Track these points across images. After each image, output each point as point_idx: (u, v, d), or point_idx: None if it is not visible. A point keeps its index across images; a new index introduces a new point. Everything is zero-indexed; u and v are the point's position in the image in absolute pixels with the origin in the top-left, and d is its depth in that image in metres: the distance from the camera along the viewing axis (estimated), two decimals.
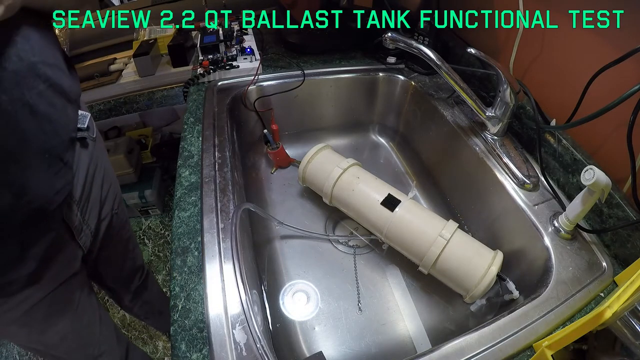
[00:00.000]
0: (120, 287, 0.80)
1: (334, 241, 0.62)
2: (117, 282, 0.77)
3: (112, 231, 0.66)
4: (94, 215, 0.58)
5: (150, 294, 0.89)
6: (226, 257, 0.43)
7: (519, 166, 0.54)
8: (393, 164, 0.78)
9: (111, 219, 0.65)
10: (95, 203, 0.58)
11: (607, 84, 0.47)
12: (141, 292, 0.85)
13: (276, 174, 0.74)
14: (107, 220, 0.63)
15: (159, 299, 0.94)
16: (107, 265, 0.70)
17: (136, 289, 0.83)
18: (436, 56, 0.54)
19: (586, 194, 0.42)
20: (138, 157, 1.50)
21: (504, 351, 0.36)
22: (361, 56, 0.82)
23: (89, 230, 0.57)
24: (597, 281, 0.42)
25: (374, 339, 0.50)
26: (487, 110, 0.58)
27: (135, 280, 0.82)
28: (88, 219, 0.56)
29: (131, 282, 0.81)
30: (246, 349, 0.35)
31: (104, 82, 1.08)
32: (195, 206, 0.49)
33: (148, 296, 0.88)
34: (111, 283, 0.76)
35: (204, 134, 0.60)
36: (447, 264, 0.49)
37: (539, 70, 0.60)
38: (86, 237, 0.56)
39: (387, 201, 0.55)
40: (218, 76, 0.73)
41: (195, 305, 0.39)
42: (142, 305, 0.88)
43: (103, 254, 0.65)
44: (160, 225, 1.50)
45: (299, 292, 0.55)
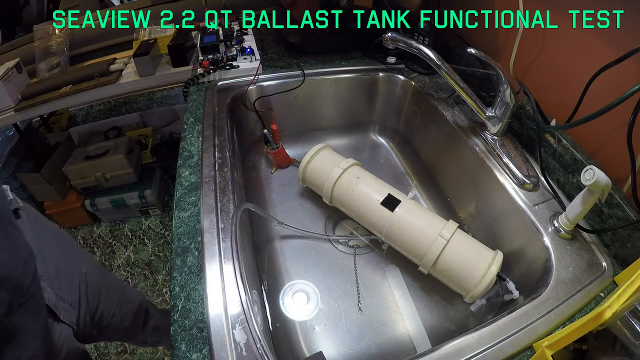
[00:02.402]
0: (130, 331, 0.77)
1: (334, 241, 0.62)
2: (125, 329, 0.74)
3: (95, 287, 0.62)
4: (65, 286, 0.54)
5: (154, 318, 0.87)
6: (226, 257, 0.42)
7: (519, 166, 0.54)
8: (393, 164, 0.78)
9: (86, 278, 0.60)
10: (60, 271, 0.54)
11: (607, 84, 0.47)
12: (147, 322, 0.84)
13: (276, 174, 0.74)
14: (83, 283, 0.59)
15: (162, 319, 0.92)
16: (110, 320, 0.67)
17: (144, 322, 0.82)
18: (436, 56, 0.54)
19: (586, 194, 0.42)
20: (138, 157, 1.50)
21: (504, 351, 0.36)
22: (361, 56, 0.82)
23: (66, 304, 0.52)
24: (597, 281, 0.42)
25: (374, 339, 0.50)
26: (487, 110, 0.58)
27: (139, 316, 0.80)
28: (62, 291, 0.52)
29: (137, 321, 0.79)
30: (246, 349, 0.35)
31: (104, 82, 1.08)
32: (195, 206, 0.49)
33: (153, 321, 0.87)
34: (120, 333, 0.73)
35: (204, 134, 0.60)
36: (447, 264, 0.49)
37: (539, 70, 0.60)
38: (69, 313, 0.52)
39: (387, 201, 0.55)
40: (218, 76, 0.73)
41: (195, 305, 0.39)
42: (152, 333, 0.86)
43: (101, 312, 0.62)
44: (160, 225, 1.50)
45: (299, 292, 0.55)
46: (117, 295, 0.70)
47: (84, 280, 0.59)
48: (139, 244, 1.45)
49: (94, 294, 0.61)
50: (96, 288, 0.63)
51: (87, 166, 1.37)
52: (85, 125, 1.70)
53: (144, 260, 1.39)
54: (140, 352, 1.14)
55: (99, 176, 1.39)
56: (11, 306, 0.38)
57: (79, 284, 0.58)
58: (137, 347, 1.15)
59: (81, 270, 0.60)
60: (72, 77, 1.12)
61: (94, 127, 1.65)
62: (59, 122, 1.71)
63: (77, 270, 0.59)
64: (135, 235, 1.48)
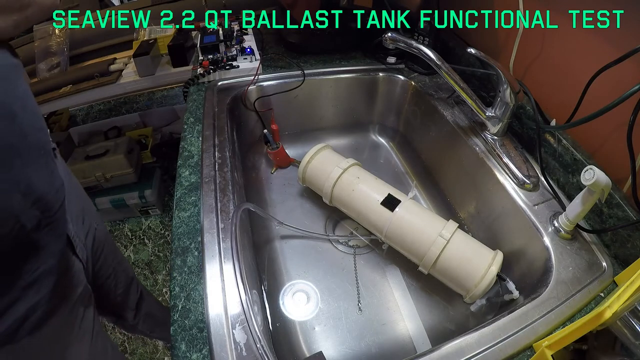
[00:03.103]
0: (121, 305, 0.78)
1: (334, 241, 0.62)
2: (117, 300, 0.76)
3: (99, 244, 0.66)
4: (80, 227, 0.58)
5: (149, 304, 0.88)
6: (226, 257, 0.42)
7: (519, 166, 0.54)
8: (393, 164, 0.78)
9: (95, 232, 0.64)
10: (79, 214, 0.58)
11: (607, 84, 0.47)
12: (140, 304, 0.84)
13: (276, 174, 0.74)
14: (91, 234, 0.63)
15: (159, 309, 0.93)
16: (104, 281, 0.69)
17: (137, 302, 0.82)
18: (436, 56, 0.54)
19: (586, 194, 0.42)
20: (138, 157, 1.50)
21: (504, 351, 0.36)
22: (361, 56, 0.82)
23: (81, 242, 0.56)
24: (597, 281, 0.42)
25: (374, 339, 0.50)
26: (487, 110, 0.58)
27: (132, 292, 0.81)
28: (78, 230, 0.56)
29: (129, 295, 0.80)
30: (246, 349, 0.35)
31: (104, 82, 1.08)
32: (195, 206, 0.49)
33: (148, 307, 0.87)
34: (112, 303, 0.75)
35: (204, 134, 0.60)
36: (447, 264, 0.49)
37: (539, 70, 0.60)
38: (82, 250, 0.56)
39: (387, 201, 0.55)
40: (218, 76, 0.73)
41: (195, 305, 0.39)
42: (145, 319, 0.87)
43: (97, 270, 0.65)
44: (160, 225, 1.50)
45: (299, 292, 0.55)
46: (114, 262, 0.73)
47: (92, 234, 0.63)
48: (139, 244, 1.45)
49: (96, 250, 0.65)
50: (100, 246, 0.66)
51: (87, 166, 1.37)
52: (85, 125, 1.70)
53: (144, 260, 1.39)
54: (140, 352, 1.14)
55: (99, 176, 1.39)
56: (39, 223, 0.42)
57: (88, 232, 0.62)
58: (137, 347, 1.15)
59: (92, 224, 0.64)
60: (72, 77, 1.12)
61: (94, 127, 1.65)
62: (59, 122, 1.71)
63: (89, 222, 0.63)
64: (135, 235, 1.48)
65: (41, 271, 0.44)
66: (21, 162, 0.39)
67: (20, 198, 0.39)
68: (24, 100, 0.40)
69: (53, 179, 0.46)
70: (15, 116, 0.38)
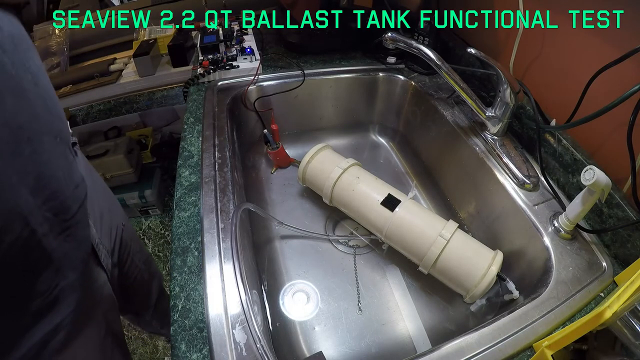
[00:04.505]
0: (143, 304, 0.74)
1: (334, 241, 0.62)
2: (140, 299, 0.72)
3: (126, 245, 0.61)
4: (106, 232, 0.52)
5: (166, 301, 0.82)
6: (226, 257, 0.42)
7: (519, 166, 0.54)
8: (393, 164, 0.78)
9: (122, 233, 0.59)
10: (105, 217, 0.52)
11: (607, 84, 0.47)
12: (160, 302, 0.79)
13: (276, 174, 0.74)
14: (119, 236, 0.57)
15: None
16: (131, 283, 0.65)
17: (156, 300, 0.78)
18: (436, 56, 0.53)
19: (586, 194, 0.42)
20: (138, 157, 1.50)
21: (504, 351, 0.36)
22: (361, 56, 0.82)
23: (105, 249, 0.50)
24: (597, 281, 0.42)
25: (374, 339, 0.50)
26: (487, 110, 0.58)
27: (154, 290, 0.76)
28: (102, 236, 0.50)
29: (151, 294, 0.75)
30: (246, 349, 0.35)
31: (104, 82, 1.08)
32: (195, 206, 0.49)
33: (165, 304, 0.81)
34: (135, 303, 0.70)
35: (204, 134, 0.60)
36: (447, 264, 0.49)
37: (539, 70, 0.60)
38: (106, 259, 0.50)
39: (387, 201, 0.55)
40: (218, 76, 0.73)
41: (195, 305, 0.39)
42: (160, 317, 0.82)
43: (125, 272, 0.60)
44: (160, 225, 1.50)
45: (299, 292, 0.55)
46: (140, 261, 0.68)
47: (119, 236, 0.58)
48: None
49: (124, 252, 0.60)
50: (126, 247, 0.62)
51: None
52: (85, 125, 1.70)
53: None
54: (140, 352, 1.14)
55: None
56: (53, 227, 0.36)
57: (115, 236, 0.56)
58: (137, 347, 1.15)
59: (119, 225, 0.59)
60: (72, 77, 1.12)
61: (94, 127, 1.65)
62: None
63: (116, 223, 0.58)
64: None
65: (60, 288, 0.38)
66: (31, 149, 0.32)
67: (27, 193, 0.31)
68: (37, 76, 0.34)
69: (71, 172, 0.39)
70: (24, 92, 0.32)
